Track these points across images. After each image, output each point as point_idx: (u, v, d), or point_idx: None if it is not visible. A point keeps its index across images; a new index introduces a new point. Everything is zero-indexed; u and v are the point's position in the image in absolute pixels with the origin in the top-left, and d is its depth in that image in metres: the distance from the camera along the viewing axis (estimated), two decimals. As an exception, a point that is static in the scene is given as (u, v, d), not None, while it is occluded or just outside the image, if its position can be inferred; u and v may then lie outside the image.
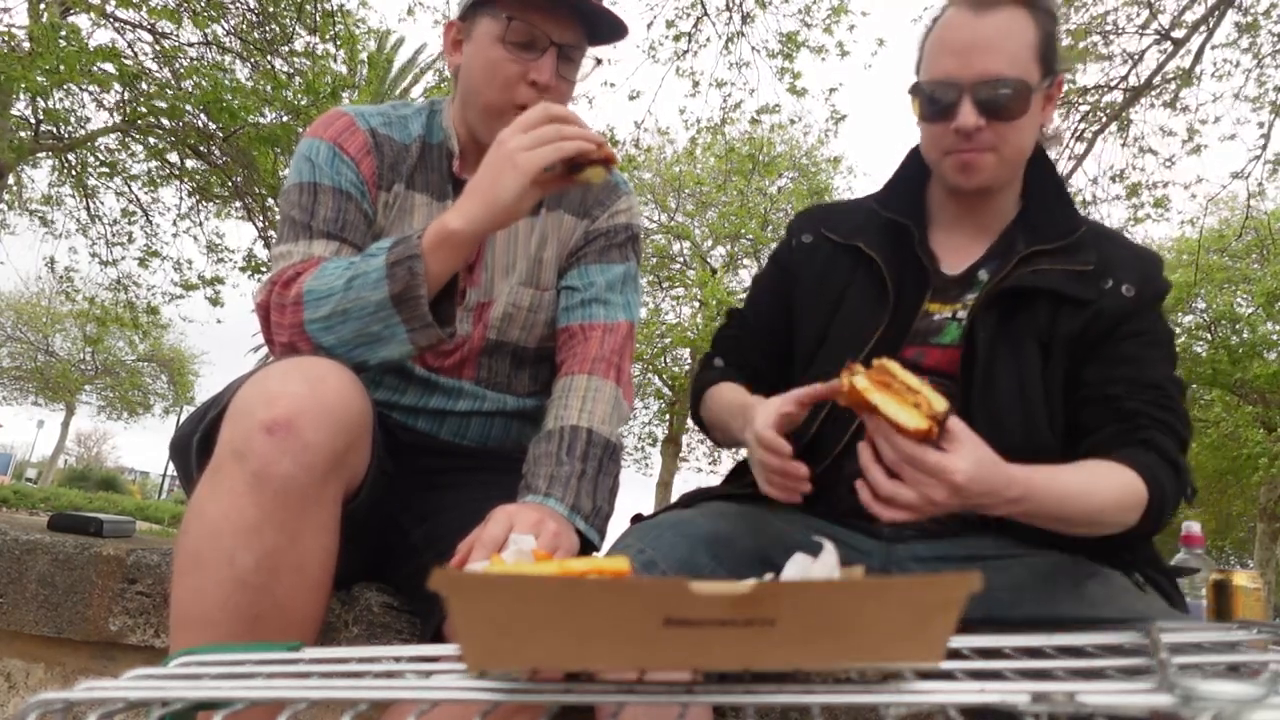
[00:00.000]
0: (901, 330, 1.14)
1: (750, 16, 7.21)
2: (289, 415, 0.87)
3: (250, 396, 0.90)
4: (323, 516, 0.92)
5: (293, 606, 0.90)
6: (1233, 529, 17.38)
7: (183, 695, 0.43)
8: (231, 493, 0.87)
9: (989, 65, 1.06)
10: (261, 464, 0.86)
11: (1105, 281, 1.11)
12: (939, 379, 1.10)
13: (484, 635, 0.39)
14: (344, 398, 0.92)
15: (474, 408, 1.27)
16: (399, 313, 1.01)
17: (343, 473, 0.94)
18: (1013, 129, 1.09)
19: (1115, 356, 1.08)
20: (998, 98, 1.06)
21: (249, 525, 0.86)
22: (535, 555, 0.83)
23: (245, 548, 0.86)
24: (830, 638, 0.39)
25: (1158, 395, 1.06)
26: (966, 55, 1.07)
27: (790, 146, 14.02)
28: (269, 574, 0.87)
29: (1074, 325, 1.09)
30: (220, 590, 0.86)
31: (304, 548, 0.90)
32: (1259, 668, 0.50)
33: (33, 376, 25.48)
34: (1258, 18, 6.65)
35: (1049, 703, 0.38)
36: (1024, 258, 1.12)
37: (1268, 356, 11.77)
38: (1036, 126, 1.13)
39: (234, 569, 0.86)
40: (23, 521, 1.61)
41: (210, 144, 9.11)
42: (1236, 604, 1.30)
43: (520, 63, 1.16)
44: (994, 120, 1.07)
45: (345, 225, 1.17)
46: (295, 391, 0.89)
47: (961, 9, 1.10)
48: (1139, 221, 7.77)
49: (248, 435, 0.87)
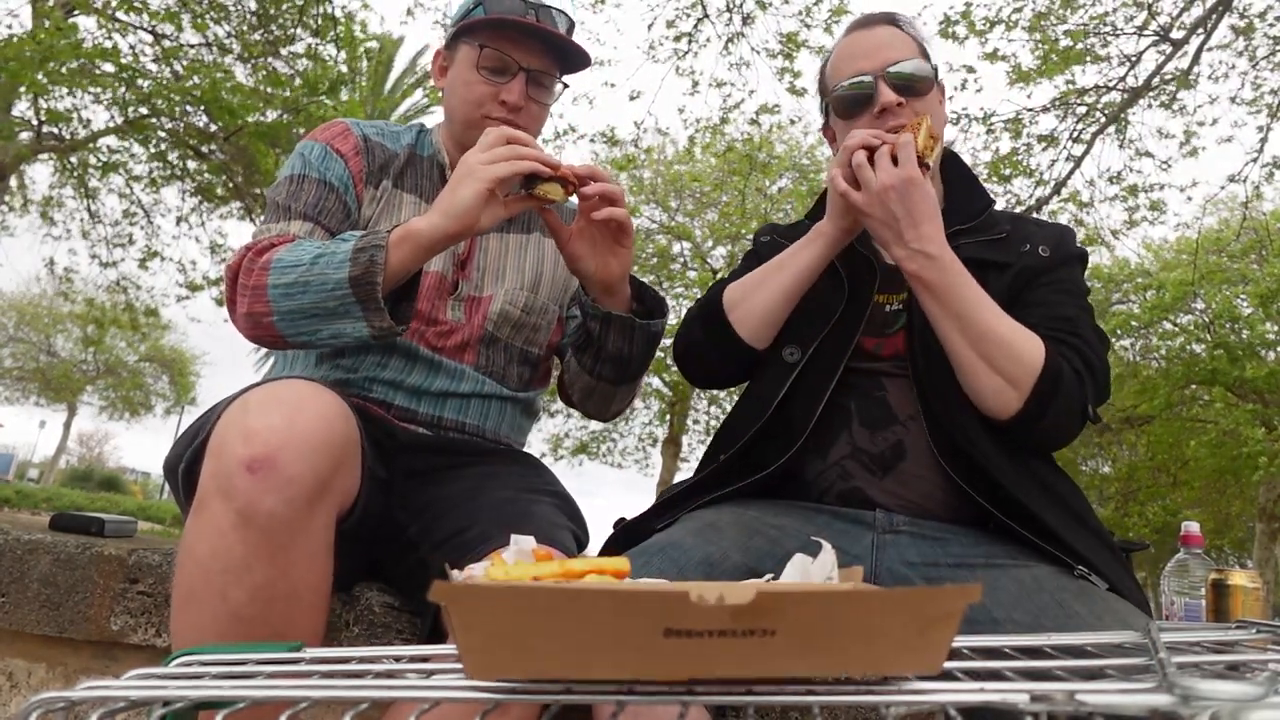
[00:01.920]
0: (857, 317, 1.24)
1: (750, 17, 7.21)
2: (268, 451, 0.88)
3: (230, 433, 0.90)
4: (312, 545, 0.93)
5: (290, 632, 0.90)
6: (1232, 529, 17.37)
7: (184, 695, 0.43)
8: (218, 531, 0.88)
9: (891, 55, 1.25)
10: (245, 502, 0.87)
11: (1022, 245, 1.25)
12: (895, 363, 1.22)
13: (484, 646, 0.39)
14: (324, 423, 0.93)
15: (475, 389, 1.33)
16: (355, 294, 1.08)
17: (331, 498, 0.95)
18: (925, 104, 1.25)
19: (1032, 300, 1.20)
20: (908, 76, 1.24)
21: (238, 562, 0.87)
22: (535, 555, 0.83)
23: (236, 584, 0.87)
24: (830, 648, 0.39)
25: (1068, 324, 1.17)
26: (871, 53, 1.26)
27: (790, 147, 14.01)
28: (263, 605, 0.88)
29: (1001, 285, 1.20)
30: (216, 625, 0.88)
31: (296, 576, 0.91)
32: (1258, 667, 0.50)
33: (34, 377, 25.50)
34: (1253, 21, 6.65)
35: (1048, 702, 0.38)
36: (948, 237, 1.19)
37: (1266, 356, 11.77)
38: (941, 114, 1.30)
39: (227, 604, 0.88)
40: (24, 521, 1.62)
41: (211, 144, 9.11)
42: (1235, 603, 1.30)
43: (492, 85, 1.31)
44: (909, 97, 1.24)
45: (324, 212, 1.28)
46: (273, 425, 0.89)
47: (852, 31, 1.33)
48: (1135, 224, 7.77)
49: (229, 474, 0.88)
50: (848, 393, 1.21)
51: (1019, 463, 1.13)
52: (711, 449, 1.31)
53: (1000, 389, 1.09)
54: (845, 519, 1.16)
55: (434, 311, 1.30)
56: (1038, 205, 7.14)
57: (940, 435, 1.14)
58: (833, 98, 1.31)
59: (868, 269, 1.28)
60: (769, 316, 1.26)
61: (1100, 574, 1.03)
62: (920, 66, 1.25)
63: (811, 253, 1.23)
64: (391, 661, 0.52)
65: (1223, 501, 15.42)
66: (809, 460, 1.20)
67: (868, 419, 1.20)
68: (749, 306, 1.27)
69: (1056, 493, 1.14)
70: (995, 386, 1.09)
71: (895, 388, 1.21)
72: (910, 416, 1.18)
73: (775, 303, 1.25)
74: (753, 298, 1.27)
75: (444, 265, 1.32)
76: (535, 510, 1.17)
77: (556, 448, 17.97)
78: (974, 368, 1.10)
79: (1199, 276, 10.36)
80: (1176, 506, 14.26)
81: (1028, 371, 1.08)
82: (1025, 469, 1.13)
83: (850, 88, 1.26)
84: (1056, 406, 1.09)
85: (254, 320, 1.15)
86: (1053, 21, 7.05)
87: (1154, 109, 7.20)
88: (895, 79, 1.24)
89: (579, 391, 1.44)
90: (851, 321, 1.24)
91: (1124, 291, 13.29)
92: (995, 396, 1.10)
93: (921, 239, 1.10)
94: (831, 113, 1.34)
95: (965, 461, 1.12)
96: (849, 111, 1.28)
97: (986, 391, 1.10)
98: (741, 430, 1.24)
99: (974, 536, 1.13)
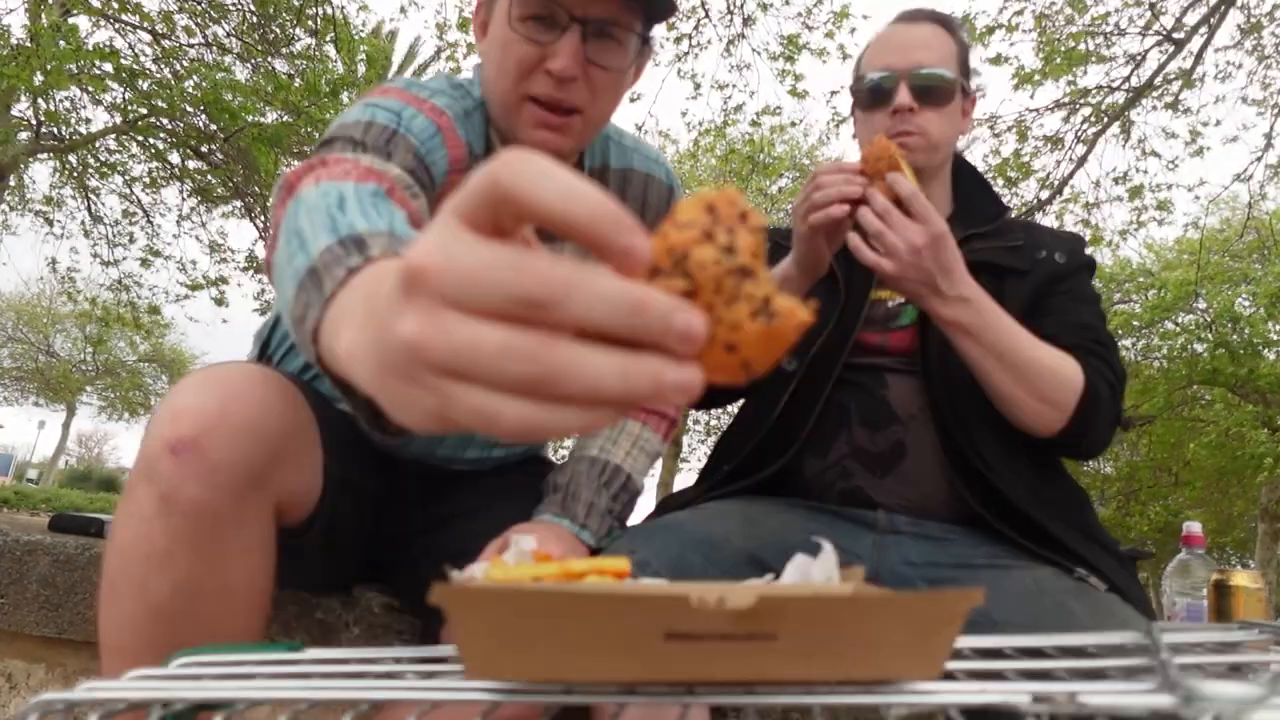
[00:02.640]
0: (854, 315, 1.24)
1: (751, 19, 7.21)
2: (194, 434, 0.79)
3: (160, 412, 0.82)
4: (245, 538, 0.84)
5: (222, 631, 0.83)
6: (1234, 529, 17.36)
7: (183, 696, 0.43)
8: (140, 517, 0.80)
9: (922, 58, 1.23)
10: (168, 486, 0.78)
11: (1038, 253, 1.24)
12: (900, 360, 1.21)
13: (484, 649, 0.39)
14: (262, 410, 0.83)
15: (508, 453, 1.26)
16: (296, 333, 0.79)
17: (267, 491, 0.85)
18: (940, 116, 1.24)
19: (1053, 309, 1.20)
20: (929, 85, 1.22)
21: (159, 551, 0.79)
22: (535, 556, 0.83)
23: (158, 575, 0.79)
24: (831, 653, 0.39)
25: (1088, 333, 1.17)
26: (903, 51, 1.24)
27: (790, 147, 14.01)
28: (187, 600, 0.80)
29: (1020, 292, 1.20)
30: (135, 620, 0.80)
31: (227, 571, 0.83)
32: (1261, 668, 0.50)
33: (34, 377, 25.50)
34: (1260, 20, 6.65)
35: (1050, 703, 0.38)
36: (961, 240, 1.19)
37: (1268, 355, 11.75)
38: (958, 126, 1.29)
39: (148, 597, 0.80)
40: (24, 522, 1.62)
41: (210, 144, 9.11)
42: (1238, 604, 1.30)
43: (536, 44, 0.97)
44: (925, 105, 1.22)
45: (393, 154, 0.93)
46: (203, 407, 0.80)
47: (896, 22, 1.30)
48: (1142, 225, 7.76)
49: (155, 455, 0.79)
50: (847, 390, 1.21)
51: (1024, 466, 1.13)
52: (712, 461, 1.31)
53: (1042, 413, 1.09)
54: (847, 519, 1.16)
55: None
56: (1040, 205, 7.14)
57: (947, 435, 1.14)
58: (857, 86, 1.29)
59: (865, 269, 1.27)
60: None
61: (1102, 575, 1.03)
62: (947, 75, 1.23)
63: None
64: (391, 662, 0.52)
65: (1225, 501, 15.41)
66: (809, 459, 1.20)
67: (868, 418, 1.19)
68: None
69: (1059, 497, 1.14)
70: (1038, 411, 1.09)
71: (898, 385, 1.20)
72: (912, 415, 1.18)
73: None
74: None
75: None
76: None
77: (557, 448, 17.99)
78: (1015, 398, 1.09)
79: (1202, 277, 10.35)
80: (1178, 506, 14.26)
81: (1070, 395, 1.08)
82: (1029, 472, 1.13)
83: (873, 81, 1.25)
84: (1098, 423, 1.10)
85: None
86: (1058, 22, 7.05)
87: (1159, 110, 7.20)
88: (917, 82, 1.22)
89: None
90: (849, 321, 1.23)
91: (1125, 291, 13.28)
92: (1037, 419, 1.10)
93: (955, 286, 1.06)
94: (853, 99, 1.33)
95: (968, 463, 1.12)
96: (868, 104, 1.27)
97: (1027, 416, 1.10)
98: (741, 442, 1.24)
99: (976, 537, 1.12)
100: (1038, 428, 1.10)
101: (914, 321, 1.22)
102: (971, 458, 1.11)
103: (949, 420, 1.14)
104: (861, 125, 1.29)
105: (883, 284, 1.26)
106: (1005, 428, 1.13)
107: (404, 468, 1.16)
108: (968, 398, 1.14)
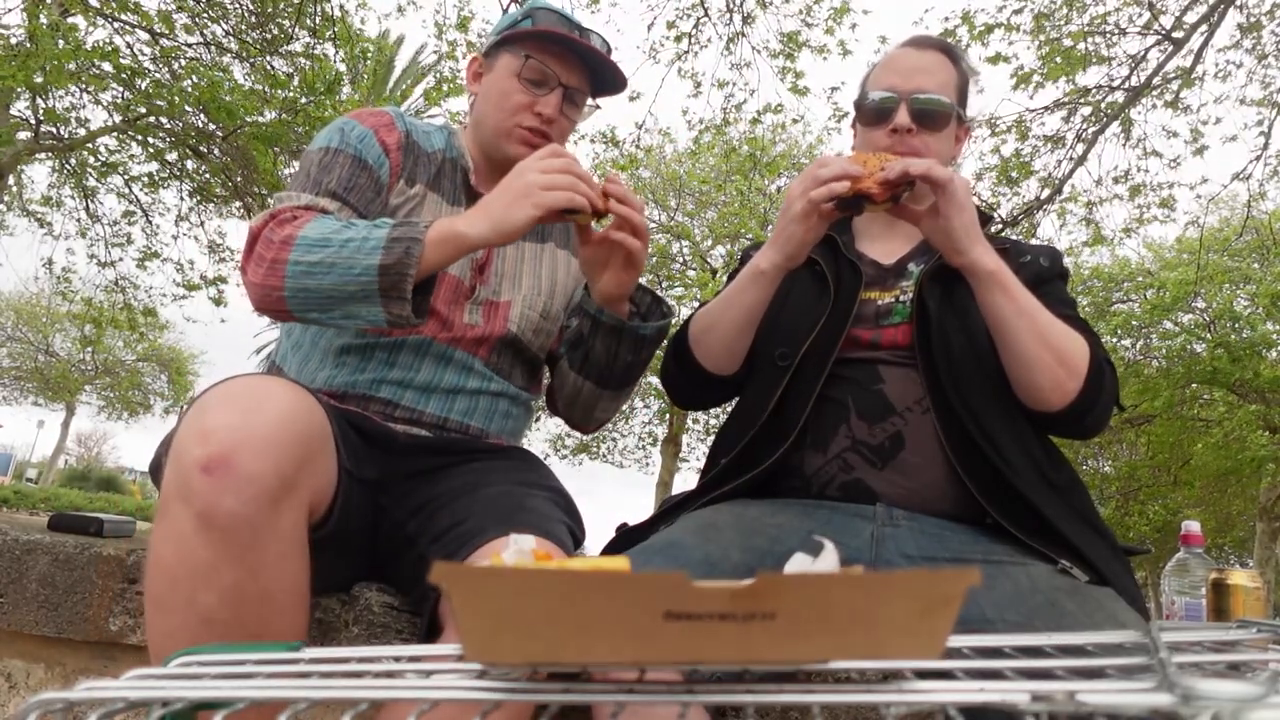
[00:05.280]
0: (844, 315, 1.27)
1: (751, 17, 7.20)
2: (224, 451, 0.85)
3: (186, 433, 0.88)
4: (281, 544, 0.90)
5: (269, 632, 0.89)
6: (1232, 528, 17.37)
7: (183, 695, 0.43)
8: (180, 535, 0.86)
9: (924, 83, 1.30)
10: (204, 504, 0.85)
11: (1023, 257, 1.32)
12: (895, 353, 1.24)
13: (484, 629, 0.39)
14: (284, 419, 0.91)
15: (482, 386, 1.34)
16: (380, 281, 1.08)
17: (298, 495, 0.93)
18: (936, 139, 1.30)
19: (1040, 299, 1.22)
20: (928, 109, 1.29)
21: (204, 566, 0.85)
22: (535, 555, 0.83)
23: (205, 588, 0.85)
24: (830, 632, 0.39)
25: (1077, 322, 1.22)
26: (907, 75, 1.31)
27: (790, 145, 14.02)
28: (234, 608, 0.86)
29: None
30: (187, 632, 0.85)
31: (267, 577, 0.89)
32: (1259, 667, 0.50)
33: (33, 376, 25.47)
34: (1260, 19, 6.65)
35: (1049, 702, 0.38)
36: None
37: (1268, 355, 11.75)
38: (951, 150, 1.36)
39: (196, 609, 0.86)
40: (23, 522, 1.61)
41: (210, 144, 9.11)
42: (1236, 603, 1.30)
43: (530, 96, 1.35)
44: (922, 128, 1.29)
45: (354, 191, 1.27)
46: (229, 424, 0.87)
47: (904, 46, 1.38)
48: (1144, 223, 7.76)
49: (187, 476, 0.86)
50: (843, 386, 1.23)
51: (1033, 447, 1.16)
52: (711, 456, 1.34)
53: (1061, 381, 1.12)
54: (845, 513, 1.17)
55: (451, 314, 1.31)
56: (1041, 204, 7.14)
57: (950, 423, 1.15)
58: (861, 103, 1.36)
59: (853, 271, 1.31)
60: (729, 350, 1.29)
61: (1095, 569, 1.04)
62: (945, 102, 1.30)
63: (755, 294, 1.24)
64: (391, 661, 0.52)
65: (1224, 501, 15.43)
66: (809, 455, 1.22)
67: (865, 411, 1.21)
68: (709, 341, 1.31)
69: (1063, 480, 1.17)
70: (1057, 378, 1.12)
71: (895, 378, 1.22)
72: (909, 407, 1.20)
73: (731, 338, 1.28)
74: (712, 332, 1.30)
75: (461, 270, 1.33)
76: (531, 504, 1.17)
77: (558, 447, 18.00)
78: (1039, 360, 1.12)
79: (1202, 276, 10.35)
80: (1177, 505, 14.27)
81: (1082, 361, 1.13)
82: (1032, 461, 1.15)
83: (876, 100, 1.32)
84: (1104, 393, 1.14)
85: (265, 292, 1.14)
86: (1056, 22, 7.05)
87: (1158, 109, 7.20)
88: (917, 105, 1.29)
89: (565, 398, 1.45)
90: (839, 319, 1.26)
91: (1124, 291, 13.29)
92: (1056, 388, 1.13)
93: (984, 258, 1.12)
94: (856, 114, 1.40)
95: (973, 450, 1.13)
96: (870, 121, 1.33)
97: (1046, 383, 1.13)
98: (737, 435, 1.26)
99: (973, 533, 1.14)
100: (1052, 398, 1.13)
101: (906, 319, 1.25)
102: (980, 442, 1.13)
103: (955, 407, 1.16)
104: (861, 141, 1.36)
105: (871, 284, 1.31)
106: (1012, 412, 1.16)
107: (396, 458, 1.22)
108: (972, 384, 1.16)
